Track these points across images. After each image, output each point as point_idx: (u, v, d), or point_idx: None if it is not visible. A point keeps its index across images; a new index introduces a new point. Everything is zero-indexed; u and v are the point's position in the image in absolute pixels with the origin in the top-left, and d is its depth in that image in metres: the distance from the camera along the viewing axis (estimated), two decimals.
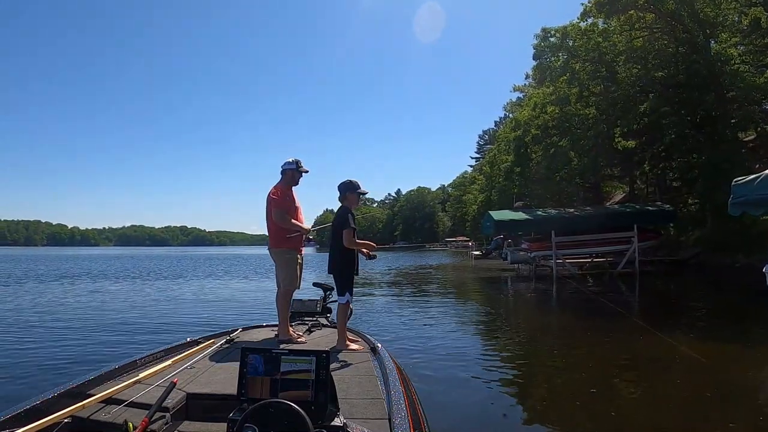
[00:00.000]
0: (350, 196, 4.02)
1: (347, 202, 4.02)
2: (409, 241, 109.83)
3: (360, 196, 4.06)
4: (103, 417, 2.19)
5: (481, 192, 46.80)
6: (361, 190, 4.05)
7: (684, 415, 4.02)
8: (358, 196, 4.05)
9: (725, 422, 3.70)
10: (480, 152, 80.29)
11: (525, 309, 11.64)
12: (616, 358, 5.96)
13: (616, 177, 29.13)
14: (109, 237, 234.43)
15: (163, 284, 17.86)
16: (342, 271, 4.01)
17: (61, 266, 30.62)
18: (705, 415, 4.00)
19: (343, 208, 4.02)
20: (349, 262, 3.99)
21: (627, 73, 21.20)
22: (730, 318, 8.65)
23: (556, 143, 24.14)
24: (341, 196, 4.06)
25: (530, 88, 30.82)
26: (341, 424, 1.93)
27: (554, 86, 23.74)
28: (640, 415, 3.96)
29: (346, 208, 4.00)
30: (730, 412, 3.99)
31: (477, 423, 3.94)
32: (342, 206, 4.06)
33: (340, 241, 3.91)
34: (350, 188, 4.01)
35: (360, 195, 4.06)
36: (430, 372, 5.23)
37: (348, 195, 4.02)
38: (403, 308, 10.91)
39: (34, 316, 9.72)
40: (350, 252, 3.97)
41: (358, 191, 4.04)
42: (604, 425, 3.91)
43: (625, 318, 8.52)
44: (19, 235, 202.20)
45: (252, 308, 10.83)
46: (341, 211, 4.02)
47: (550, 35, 23.13)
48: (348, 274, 4.00)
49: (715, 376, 5.05)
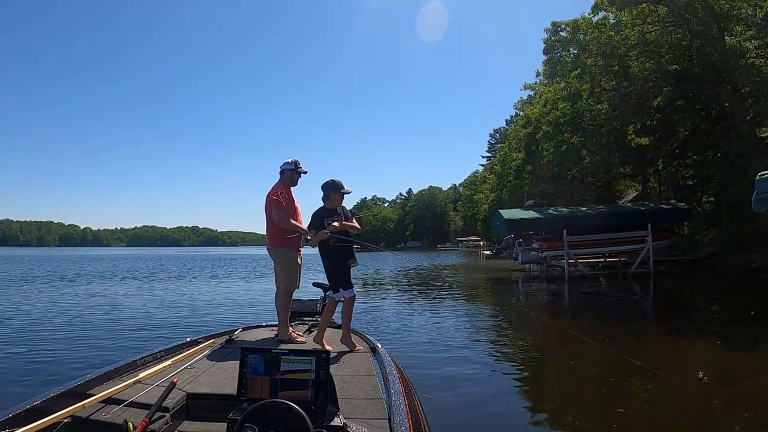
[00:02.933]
0: (333, 196, 4.04)
1: (330, 202, 4.04)
2: (420, 240, 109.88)
3: (343, 195, 4.10)
4: (103, 417, 2.19)
5: (492, 191, 46.47)
6: (345, 190, 4.07)
7: (689, 420, 3.90)
8: (341, 195, 4.08)
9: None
10: (491, 151, 79.81)
11: (534, 310, 11.46)
12: (628, 363, 5.59)
13: (629, 175, 28.69)
14: (121, 237, 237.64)
15: (164, 285, 17.89)
16: (331, 269, 4.02)
17: (67, 267, 30.96)
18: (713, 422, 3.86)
19: (321, 208, 4.06)
20: (335, 258, 3.98)
21: (640, 67, 20.80)
22: (749, 323, 8.17)
23: (567, 140, 23.80)
24: (324, 195, 4.09)
25: (541, 85, 30.50)
26: (341, 424, 1.92)
27: (565, 82, 23.41)
28: (647, 420, 3.87)
29: (323, 208, 4.04)
30: (745, 424, 3.84)
31: (477, 423, 3.92)
32: (321, 206, 4.09)
33: (322, 243, 3.95)
34: (333, 188, 4.03)
35: (343, 195, 4.09)
36: (431, 372, 5.21)
37: (331, 195, 4.04)
38: (407, 308, 10.88)
39: (33, 316, 9.80)
40: (332, 248, 3.95)
41: (341, 191, 4.06)
42: (608, 427, 3.83)
43: (640, 322, 8.35)
44: (32, 236, 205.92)
45: (252, 308, 10.86)
46: (317, 211, 4.07)
47: (560, 29, 22.75)
48: (339, 270, 3.98)
49: (732, 387, 4.76)
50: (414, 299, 12.96)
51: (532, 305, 12.15)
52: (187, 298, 13.31)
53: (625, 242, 17.38)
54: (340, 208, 4.05)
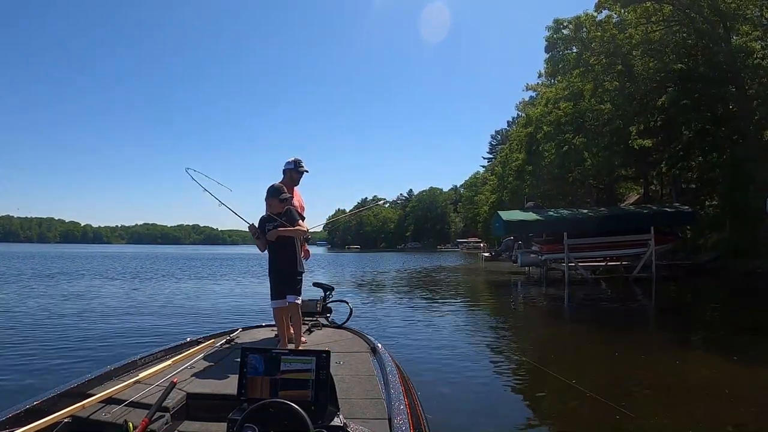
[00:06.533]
0: (270, 201, 3.84)
1: (270, 207, 3.84)
2: (420, 242, 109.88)
3: (284, 200, 3.87)
4: (103, 417, 2.19)
5: (493, 192, 46.45)
6: (284, 195, 3.87)
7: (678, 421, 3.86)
8: (279, 201, 3.83)
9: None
10: (492, 152, 79.87)
11: (533, 315, 11.44)
12: (631, 373, 5.48)
13: (631, 178, 28.63)
14: (122, 235, 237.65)
15: (164, 284, 17.85)
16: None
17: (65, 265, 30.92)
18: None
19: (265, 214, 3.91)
20: (285, 261, 3.82)
21: (644, 66, 20.64)
22: (756, 332, 7.85)
23: (569, 140, 23.66)
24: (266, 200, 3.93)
25: (543, 86, 30.44)
26: (341, 424, 1.92)
27: (567, 81, 23.22)
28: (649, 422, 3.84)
29: (266, 214, 3.88)
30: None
31: (477, 423, 3.91)
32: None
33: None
34: (270, 193, 3.83)
35: (283, 199, 3.86)
36: (431, 372, 5.20)
37: (269, 200, 3.85)
38: (406, 310, 10.87)
39: (33, 316, 9.77)
40: (281, 252, 3.80)
41: (280, 196, 3.82)
42: (607, 428, 3.81)
43: (643, 330, 8.25)
44: (33, 233, 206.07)
45: (252, 308, 10.85)
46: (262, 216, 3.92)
47: (562, 27, 22.51)
48: (288, 274, 3.82)
49: (737, 403, 4.36)
50: (414, 300, 12.96)
51: (533, 310, 12.05)
52: (187, 298, 13.32)
53: (627, 246, 17.14)
54: (286, 210, 3.81)
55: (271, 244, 3.78)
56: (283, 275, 3.79)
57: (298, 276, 3.83)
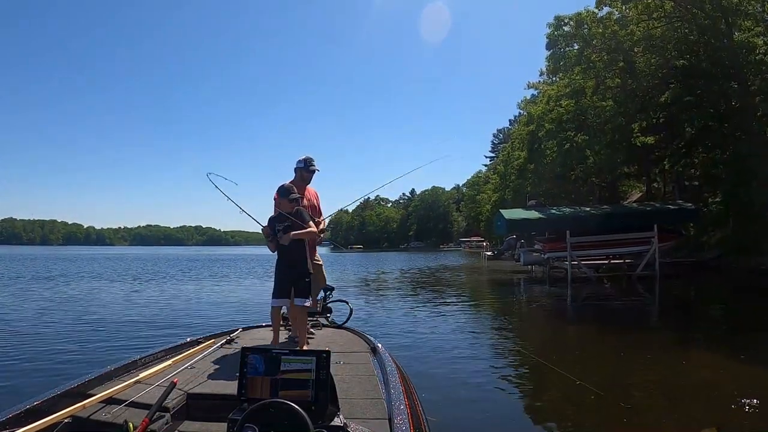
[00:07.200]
0: (280, 201, 3.85)
1: (279, 206, 3.85)
2: (423, 241, 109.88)
3: (294, 200, 3.87)
4: (104, 417, 2.19)
5: (495, 191, 46.43)
6: (294, 195, 3.86)
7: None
8: (289, 200, 3.84)
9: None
10: (494, 151, 79.75)
11: (536, 314, 11.39)
12: (635, 372, 5.45)
13: (633, 175, 28.52)
14: (125, 236, 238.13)
15: (164, 285, 17.90)
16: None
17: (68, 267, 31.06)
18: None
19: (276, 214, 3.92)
20: (293, 261, 3.82)
21: (646, 63, 20.51)
22: (761, 329, 7.79)
23: (571, 138, 23.58)
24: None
25: (544, 84, 30.37)
26: (341, 424, 1.92)
27: (569, 78, 23.12)
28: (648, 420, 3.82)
29: (277, 213, 3.89)
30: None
31: (478, 423, 3.90)
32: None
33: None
34: (280, 193, 3.85)
35: (293, 200, 3.86)
36: (431, 372, 5.20)
37: (278, 200, 3.87)
38: (407, 310, 10.86)
39: (33, 316, 9.82)
40: (289, 252, 3.80)
41: (289, 196, 3.84)
42: (612, 426, 3.78)
43: (647, 328, 8.19)
44: (36, 235, 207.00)
45: (252, 308, 10.85)
46: (271, 216, 3.93)
47: (563, 24, 22.40)
48: (297, 274, 3.80)
49: (742, 401, 4.21)
50: (414, 301, 12.94)
51: (535, 309, 12.00)
52: (187, 299, 13.35)
53: (630, 243, 17.05)
54: (295, 211, 3.79)
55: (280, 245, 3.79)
56: (290, 275, 3.79)
57: (306, 277, 3.82)
